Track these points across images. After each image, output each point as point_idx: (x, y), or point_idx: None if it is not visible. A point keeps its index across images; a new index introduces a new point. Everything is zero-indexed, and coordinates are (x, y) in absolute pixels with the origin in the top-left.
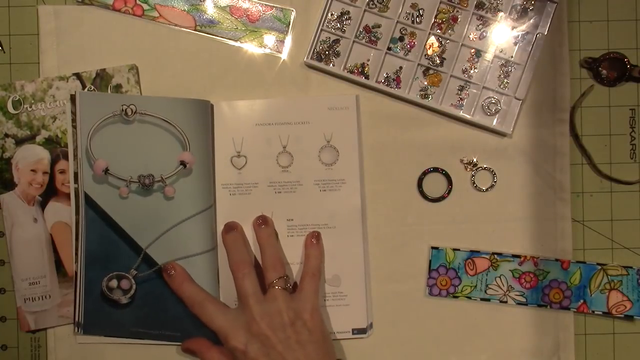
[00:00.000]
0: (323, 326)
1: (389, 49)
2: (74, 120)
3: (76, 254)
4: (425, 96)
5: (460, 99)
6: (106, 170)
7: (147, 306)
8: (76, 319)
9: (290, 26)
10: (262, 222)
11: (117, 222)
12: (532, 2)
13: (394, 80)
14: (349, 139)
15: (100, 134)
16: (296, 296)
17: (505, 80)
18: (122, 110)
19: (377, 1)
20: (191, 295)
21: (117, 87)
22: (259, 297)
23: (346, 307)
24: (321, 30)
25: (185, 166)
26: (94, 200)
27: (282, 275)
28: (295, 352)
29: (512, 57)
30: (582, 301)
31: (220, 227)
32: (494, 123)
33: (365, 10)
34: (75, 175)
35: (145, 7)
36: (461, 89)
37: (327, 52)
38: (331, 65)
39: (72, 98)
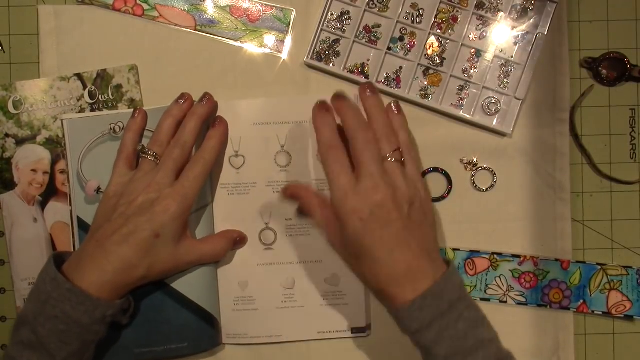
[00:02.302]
0: (433, 210)
1: (389, 49)
2: (65, 146)
3: None
4: (425, 96)
5: (460, 99)
6: (98, 190)
7: (149, 322)
8: None
9: (290, 26)
10: (370, 90)
11: None
12: (532, 2)
13: (394, 80)
14: None
15: (91, 156)
16: (408, 174)
17: (505, 80)
18: (111, 128)
19: (377, 1)
20: (332, 139)
21: (118, 88)
22: (380, 168)
23: (345, 306)
24: (321, 30)
25: None
26: (88, 224)
27: (397, 147)
28: (413, 231)
29: (512, 57)
30: (582, 301)
31: (218, 228)
32: (494, 123)
33: (365, 10)
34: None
35: (145, 7)
36: (461, 89)
37: (327, 52)
38: (331, 65)
39: (62, 124)
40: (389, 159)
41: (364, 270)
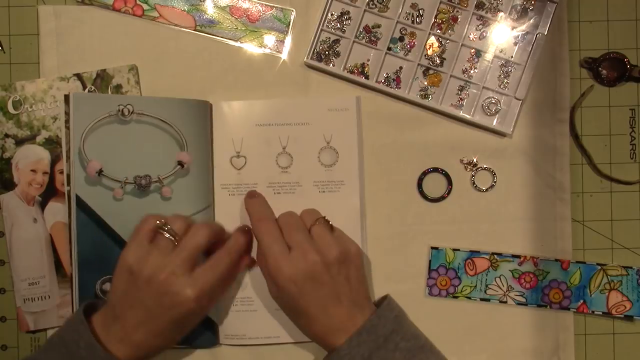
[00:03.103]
0: (364, 267)
1: (389, 49)
2: (67, 122)
3: (70, 257)
4: (425, 96)
5: (460, 99)
6: (100, 172)
7: None
8: None
9: (290, 26)
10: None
11: (110, 224)
12: (532, 2)
13: (394, 80)
14: (348, 141)
15: (94, 135)
16: (336, 233)
17: (505, 80)
18: (119, 110)
19: (377, 1)
20: (261, 213)
21: (118, 88)
22: (307, 236)
23: None
24: (321, 30)
25: (182, 166)
26: (86, 203)
27: (321, 216)
28: (344, 288)
29: (512, 57)
30: (582, 301)
31: None
32: (494, 123)
33: (365, 10)
34: (68, 177)
35: (145, 7)
36: (461, 89)
37: (327, 52)
38: (331, 65)
39: (66, 98)
40: (316, 223)
41: (302, 323)
